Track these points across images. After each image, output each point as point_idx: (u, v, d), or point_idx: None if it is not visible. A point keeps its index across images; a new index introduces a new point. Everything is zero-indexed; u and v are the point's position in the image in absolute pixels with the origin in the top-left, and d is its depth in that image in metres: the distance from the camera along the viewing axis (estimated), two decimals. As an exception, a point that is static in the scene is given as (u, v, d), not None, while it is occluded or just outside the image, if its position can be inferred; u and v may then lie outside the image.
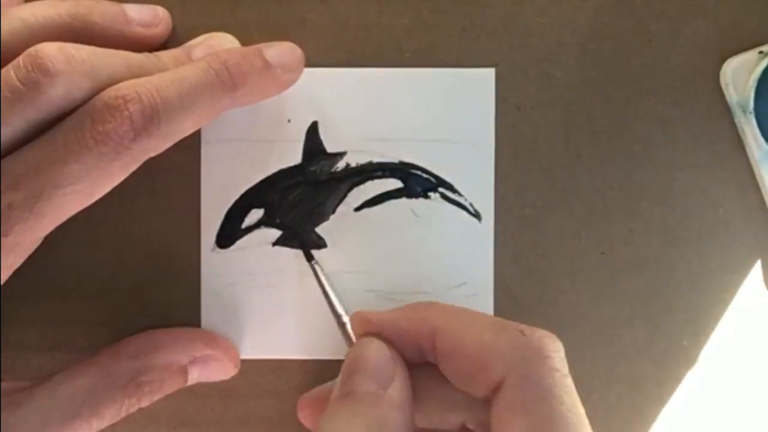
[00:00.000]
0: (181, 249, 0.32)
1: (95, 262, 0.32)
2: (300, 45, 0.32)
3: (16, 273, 0.28)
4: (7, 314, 0.32)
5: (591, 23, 0.33)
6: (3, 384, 0.29)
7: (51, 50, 0.26)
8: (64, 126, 0.26)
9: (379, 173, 0.32)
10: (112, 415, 0.29)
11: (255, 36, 0.32)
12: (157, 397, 0.30)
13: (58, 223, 0.27)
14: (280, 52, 0.29)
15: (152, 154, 0.27)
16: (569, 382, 0.26)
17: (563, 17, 0.33)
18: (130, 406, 0.29)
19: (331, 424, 0.26)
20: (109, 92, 0.26)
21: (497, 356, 0.26)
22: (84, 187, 0.26)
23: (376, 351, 0.27)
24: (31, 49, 0.26)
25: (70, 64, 0.26)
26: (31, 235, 0.27)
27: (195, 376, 0.31)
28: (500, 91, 0.33)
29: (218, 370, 0.32)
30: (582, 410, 0.25)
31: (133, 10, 0.30)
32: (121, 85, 0.26)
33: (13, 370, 0.32)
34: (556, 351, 0.26)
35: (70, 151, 0.26)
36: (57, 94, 0.26)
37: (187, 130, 0.28)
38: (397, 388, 0.27)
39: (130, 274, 0.33)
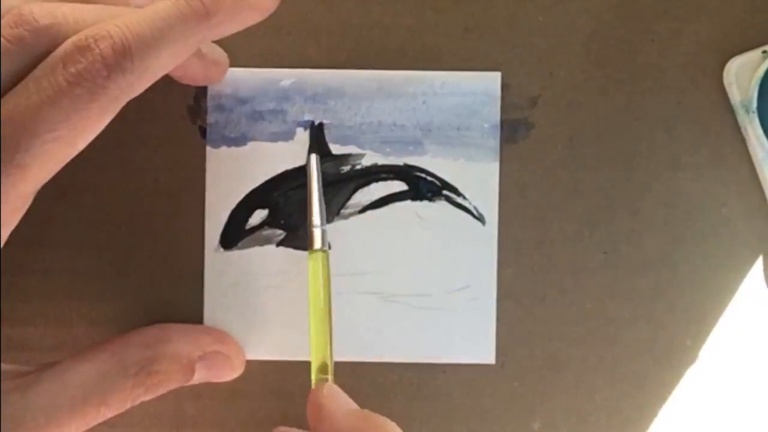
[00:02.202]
0: (185, 249, 0.32)
1: (98, 261, 0.32)
2: (302, 45, 0.32)
3: (17, 273, 0.28)
4: (7, 314, 0.32)
5: (594, 23, 0.33)
6: (8, 367, 0.28)
7: (33, 7, 0.26)
8: (35, 73, 0.25)
9: (384, 175, 0.32)
10: (119, 404, 0.29)
11: (256, 36, 0.32)
12: (162, 390, 0.30)
13: (46, 176, 0.26)
14: None
15: (131, 94, 0.26)
16: None
17: (566, 17, 0.33)
18: (137, 395, 0.29)
19: None
20: (79, 34, 0.26)
21: None
22: (63, 133, 0.25)
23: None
24: (14, 9, 0.26)
25: (55, 19, 0.26)
26: (15, 190, 0.25)
27: (202, 373, 0.31)
28: (503, 91, 0.33)
29: (225, 369, 0.32)
30: None
31: None
32: (92, 26, 0.26)
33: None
34: None
35: (43, 97, 0.25)
36: (42, 50, 0.26)
37: (164, 64, 0.26)
38: None
39: (134, 274, 0.32)
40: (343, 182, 0.32)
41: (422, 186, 0.32)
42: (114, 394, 0.28)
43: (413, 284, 0.32)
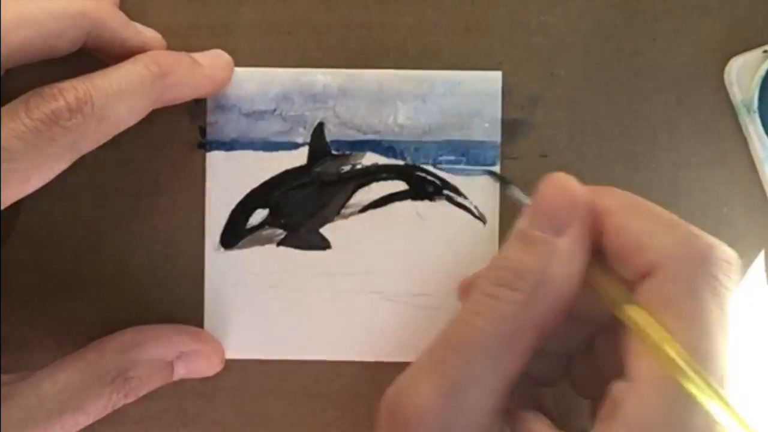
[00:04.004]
0: (185, 248, 0.32)
1: (98, 261, 0.32)
2: (303, 44, 0.32)
3: (17, 273, 0.28)
4: (7, 314, 0.32)
5: (595, 22, 0.33)
6: None
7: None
8: (4, 108, 0.26)
9: (384, 175, 0.32)
10: (98, 411, 0.29)
11: (257, 36, 0.32)
12: (143, 392, 0.30)
13: None
14: (207, 54, 0.31)
15: (90, 143, 0.27)
16: (726, 296, 0.24)
17: (567, 16, 0.33)
18: (116, 401, 0.29)
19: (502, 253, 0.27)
20: (44, 88, 0.27)
21: (657, 243, 0.25)
22: (21, 166, 0.26)
23: (557, 191, 0.27)
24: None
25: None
26: None
27: (181, 371, 0.31)
28: (504, 91, 0.32)
29: (204, 366, 0.32)
30: (729, 336, 0.24)
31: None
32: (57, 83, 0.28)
33: (14, 370, 0.32)
34: (723, 260, 0.25)
35: (7, 128, 0.26)
36: None
37: (123, 116, 0.28)
38: (568, 240, 0.26)
39: (134, 274, 0.32)
40: (344, 182, 0.32)
41: (423, 186, 0.32)
42: (92, 402, 0.29)
43: (414, 284, 0.32)
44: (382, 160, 0.32)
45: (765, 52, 0.32)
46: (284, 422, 0.32)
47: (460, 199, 0.32)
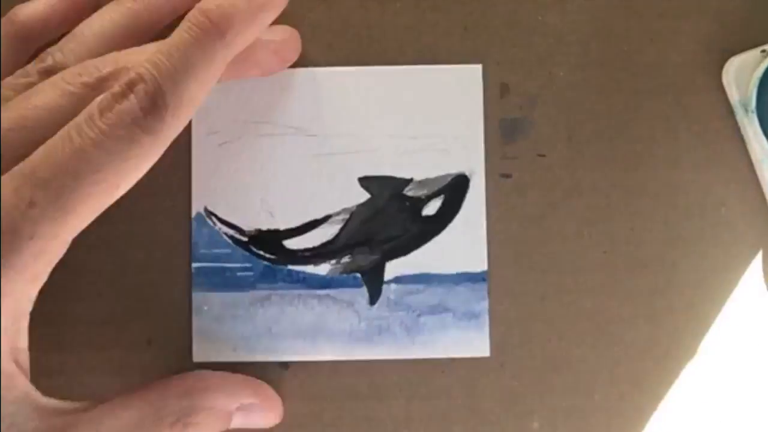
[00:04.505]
0: (185, 248, 0.32)
1: (97, 261, 0.32)
2: (302, 44, 0.32)
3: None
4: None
5: (593, 22, 0.33)
6: (50, 402, 0.27)
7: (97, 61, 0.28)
8: (76, 120, 0.26)
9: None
10: None
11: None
12: None
13: (85, 222, 0.26)
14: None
15: (170, 133, 0.26)
16: None
17: (565, 16, 0.33)
18: None
19: None
20: (105, 78, 0.27)
21: None
22: (107, 176, 0.25)
23: None
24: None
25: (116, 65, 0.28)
26: (56, 237, 0.25)
27: (238, 421, 0.30)
28: (502, 90, 0.32)
29: (261, 419, 0.31)
30: None
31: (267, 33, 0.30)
32: (119, 69, 0.27)
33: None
34: None
35: (86, 140, 0.25)
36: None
37: (194, 95, 0.27)
38: None
39: (133, 274, 0.32)
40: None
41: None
42: None
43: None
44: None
45: (763, 52, 0.32)
46: (284, 422, 0.32)
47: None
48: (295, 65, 0.32)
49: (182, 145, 0.32)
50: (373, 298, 0.32)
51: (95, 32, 0.29)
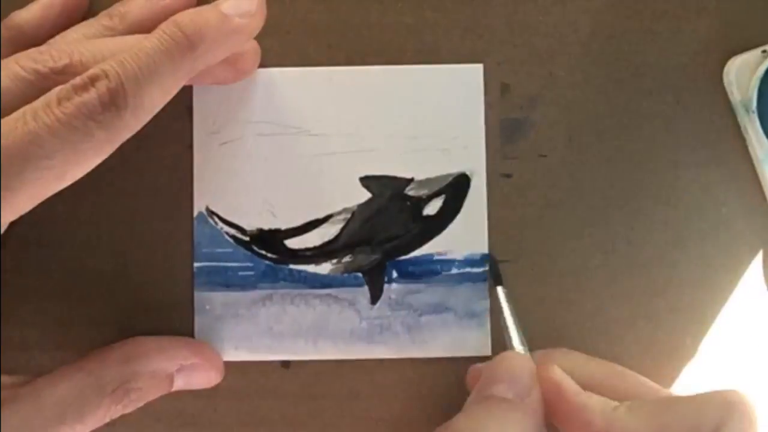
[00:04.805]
0: (185, 248, 0.32)
1: (97, 261, 0.32)
2: (302, 44, 0.32)
3: (17, 273, 0.28)
4: (7, 314, 0.32)
5: (594, 22, 0.33)
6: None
7: (53, 49, 0.28)
8: (34, 104, 0.26)
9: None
10: (96, 421, 0.29)
11: (256, 36, 0.32)
12: (141, 403, 0.30)
13: (25, 207, 0.26)
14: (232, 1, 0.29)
15: (125, 132, 0.27)
16: None
17: (566, 16, 0.33)
18: (115, 412, 0.29)
19: (465, 423, 0.27)
20: (67, 69, 0.27)
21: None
22: (56, 162, 0.25)
23: (521, 363, 0.28)
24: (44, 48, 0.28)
25: (71, 59, 0.27)
26: None
27: (180, 383, 0.31)
28: (503, 90, 0.33)
29: (203, 378, 0.32)
30: None
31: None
32: (73, 63, 0.27)
33: (15, 370, 0.32)
34: None
35: (41, 125, 0.25)
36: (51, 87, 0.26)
37: (155, 100, 0.27)
38: (534, 400, 0.27)
39: (133, 274, 0.32)
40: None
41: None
42: (90, 413, 0.28)
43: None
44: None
45: (764, 52, 0.32)
46: (284, 422, 0.32)
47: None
48: (295, 65, 0.32)
49: (184, 146, 0.32)
50: (375, 297, 0.32)
51: (68, 42, 0.30)
